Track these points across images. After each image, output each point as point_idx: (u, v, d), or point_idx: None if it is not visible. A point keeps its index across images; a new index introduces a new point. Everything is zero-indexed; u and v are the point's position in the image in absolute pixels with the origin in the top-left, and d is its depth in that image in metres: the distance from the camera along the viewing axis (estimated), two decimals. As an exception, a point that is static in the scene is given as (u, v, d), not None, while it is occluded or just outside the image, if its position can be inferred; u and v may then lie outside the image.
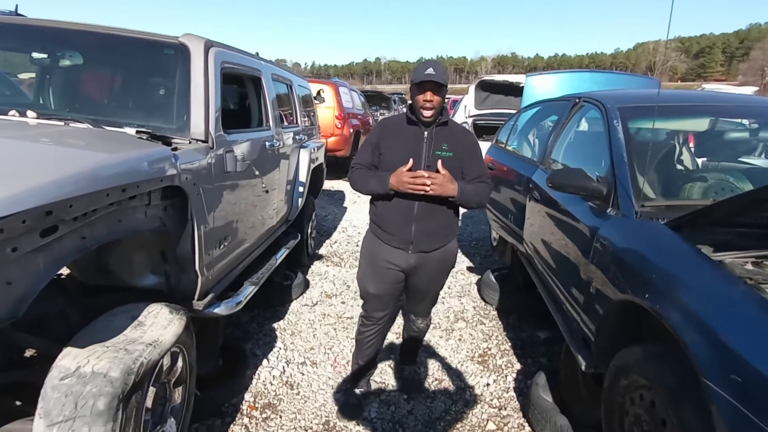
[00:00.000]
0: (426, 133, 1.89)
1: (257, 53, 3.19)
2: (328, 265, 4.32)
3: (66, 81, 2.18)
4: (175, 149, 1.81)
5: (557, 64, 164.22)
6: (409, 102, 1.92)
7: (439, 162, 1.83)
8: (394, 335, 2.92)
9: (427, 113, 1.83)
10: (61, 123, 1.81)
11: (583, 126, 2.71)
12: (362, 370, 2.29)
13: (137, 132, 1.83)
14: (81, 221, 1.32)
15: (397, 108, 17.11)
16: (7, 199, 1.05)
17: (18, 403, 1.51)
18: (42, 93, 2.19)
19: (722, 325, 1.15)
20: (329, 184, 7.94)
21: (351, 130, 8.27)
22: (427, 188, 1.79)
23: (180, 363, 1.77)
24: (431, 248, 1.98)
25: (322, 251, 4.72)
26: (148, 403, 1.50)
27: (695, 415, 1.23)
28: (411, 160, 1.83)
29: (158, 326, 1.61)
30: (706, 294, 1.26)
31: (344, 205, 6.95)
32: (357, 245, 4.98)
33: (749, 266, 1.34)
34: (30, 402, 1.54)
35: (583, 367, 1.87)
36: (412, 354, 2.55)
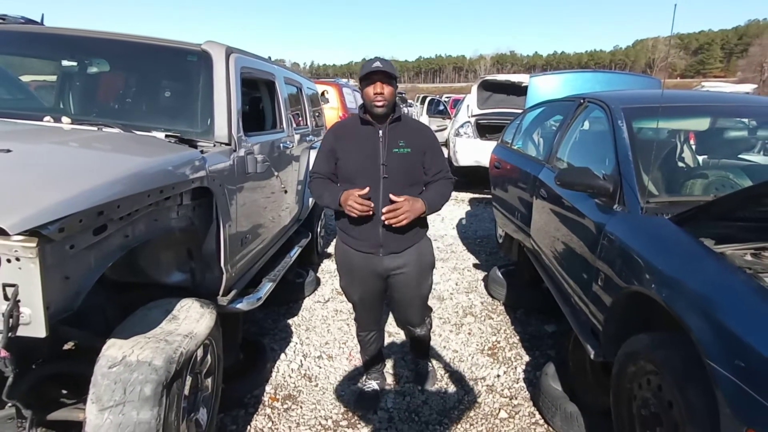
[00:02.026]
0: (381, 131, 1.87)
1: (269, 57, 3.29)
2: (337, 263, 4.40)
3: (94, 87, 2.27)
4: (203, 152, 1.91)
5: (556, 62, 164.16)
6: (361, 104, 1.92)
7: (391, 195, 1.80)
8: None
9: (379, 104, 1.80)
10: (95, 128, 1.91)
11: (588, 126, 2.80)
12: (372, 363, 2.38)
13: (166, 136, 1.92)
14: (125, 221, 1.42)
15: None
16: (67, 200, 1.15)
17: (64, 391, 1.60)
18: (71, 99, 2.28)
19: (724, 311, 1.24)
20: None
21: (355, 131, 8.36)
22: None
23: (209, 355, 1.87)
24: (402, 248, 1.97)
25: (330, 250, 4.81)
26: (185, 391, 1.60)
27: (700, 396, 1.32)
28: (368, 189, 1.80)
29: (191, 319, 1.71)
30: (709, 283, 1.35)
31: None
32: (364, 244, 5.07)
33: (748, 257, 1.44)
34: (73, 391, 1.65)
35: (592, 356, 1.96)
36: (422, 353, 2.54)
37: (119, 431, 1.33)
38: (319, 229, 4.34)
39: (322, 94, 7.29)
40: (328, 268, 4.26)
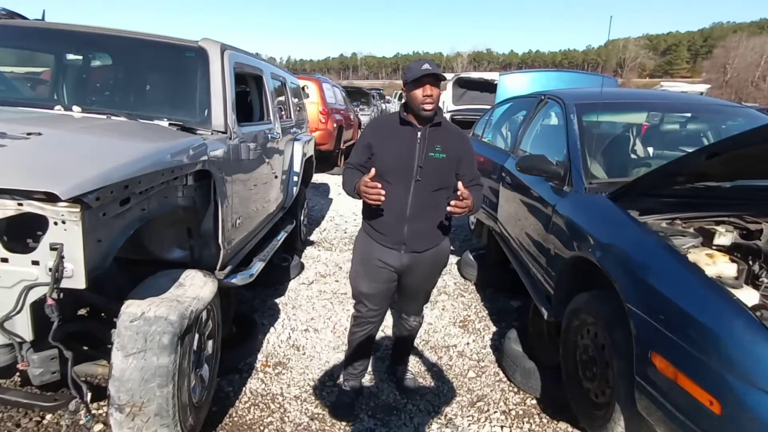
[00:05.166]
0: (419, 133, 1.88)
1: (257, 53, 3.50)
2: (319, 250, 4.65)
3: (99, 79, 2.45)
4: (204, 139, 2.12)
5: (531, 60, 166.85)
6: (404, 101, 1.93)
7: (460, 183, 1.78)
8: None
9: (429, 107, 1.81)
10: (104, 117, 2.10)
11: (547, 119, 3.12)
12: (356, 361, 2.30)
13: (170, 124, 2.13)
14: (144, 196, 1.64)
15: (376, 104, 17.39)
16: (102, 174, 1.37)
17: (85, 348, 1.81)
18: (77, 90, 2.45)
19: (638, 264, 1.56)
20: (314, 177, 8.22)
21: (334, 125, 8.57)
22: (382, 198, 1.78)
23: (210, 320, 2.10)
24: (424, 248, 2.00)
25: (312, 238, 5.05)
26: (194, 346, 1.83)
27: (622, 335, 1.64)
28: (374, 171, 1.80)
29: (196, 286, 1.93)
30: (630, 244, 1.67)
31: (329, 196, 7.28)
32: (345, 232, 5.33)
33: (663, 224, 1.77)
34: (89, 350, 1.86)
35: (545, 317, 2.28)
36: (404, 354, 2.50)
37: (142, 373, 1.55)
38: (302, 218, 4.57)
39: (303, 89, 7.49)
40: (311, 255, 4.50)
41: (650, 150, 2.73)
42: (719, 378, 1.23)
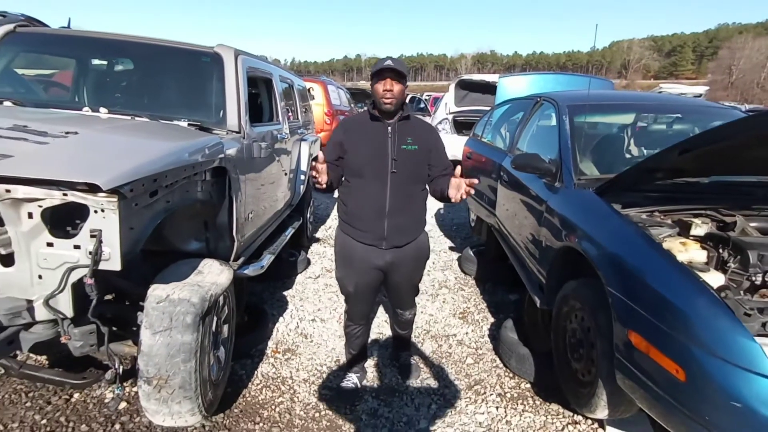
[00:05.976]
0: (390, 127, 1.93)
1: (266, 57, 3.67)
2: (325, 246, 4.82)
3: (123, 83, 2.63)
4: (220, 138, 2.29)
5: (535, 62, 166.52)
6: (372, 100, 1.98)
7: (458, 168, 1.85)
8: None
9: (387, 101, 1.86)
10: (128, 117, 2.28)
11: (542, 120, 3.27)
12: (356, 358, 2.45)
13: (189, 124, 2.31)
14: (169, 189, 1.81)
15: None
16: (135, 168, 1.54)
17: (114, 328, 1.98)
18: (102, 92, 2.64)
19: (618, 251, 1.71)
20: (319, 177, 8.41)
21: (339, 126, 8.74)
22: (322, 180, 1.80)
23: (226, 305, 2.26)
24: (404, 242, 2.04)
25: (318, 235, 5.22)
26: (213, 328, 2.00)
27: (604, 318, 1.79)
28: (321, 155, 1.80)
29: (213, 273, 2.10)
30: (611, 234, 1.82)
31: (334, 196, 7.41)
32: (350, 230, 5.48)
33: (643, 216, 1.92)
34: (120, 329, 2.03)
35: (538, 305, 2.43)
36: (405, 342, 2.62)
37: (168, 349, 1.72)
38: (308, 215, 4.74)
39: (309, 91, 7.67)
40: (317, 251, 4.66)
41: (638, 148, 2.88)
42: (685, 349, 1.38)
